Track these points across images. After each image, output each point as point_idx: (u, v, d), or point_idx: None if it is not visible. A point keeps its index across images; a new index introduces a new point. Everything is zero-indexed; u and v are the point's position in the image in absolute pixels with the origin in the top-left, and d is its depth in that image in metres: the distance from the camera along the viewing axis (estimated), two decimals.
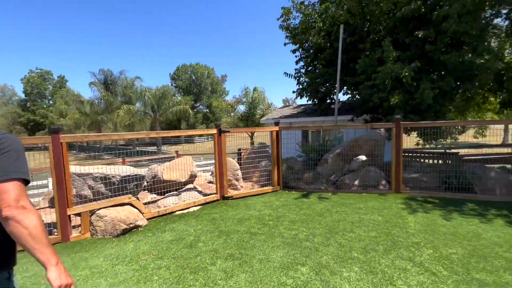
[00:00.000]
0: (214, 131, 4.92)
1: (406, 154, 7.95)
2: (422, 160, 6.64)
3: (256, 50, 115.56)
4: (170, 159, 5.48)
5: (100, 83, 31.31)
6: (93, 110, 28.44)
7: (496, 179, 4.59)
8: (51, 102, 47.18)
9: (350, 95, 8.97)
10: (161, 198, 4.75)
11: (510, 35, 7.31)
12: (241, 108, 20.87)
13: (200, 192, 5.14)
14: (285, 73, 8.99)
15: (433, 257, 2.66)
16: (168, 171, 5.02)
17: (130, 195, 3.94)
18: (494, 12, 6.73)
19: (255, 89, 19.08)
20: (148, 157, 8.65)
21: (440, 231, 3.27)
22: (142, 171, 4.60)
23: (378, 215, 3.91)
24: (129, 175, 4.12)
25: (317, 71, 8.49)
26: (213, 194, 5.05)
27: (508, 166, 6.84)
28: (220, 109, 31.75)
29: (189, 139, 35.64)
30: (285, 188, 5.66)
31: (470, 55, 5.70)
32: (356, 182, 5.39)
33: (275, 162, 5.56)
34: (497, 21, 7.33)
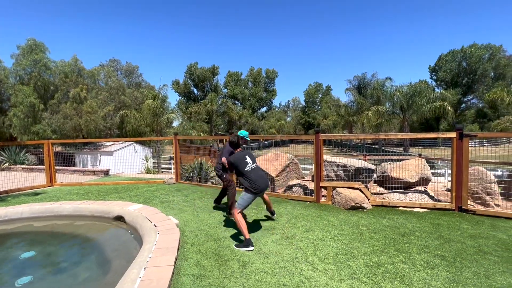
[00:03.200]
0: (452, 134, 4.53)
1: None
2: None
3: None
4: (404, 160, 5.75)
5: (354, 88, 35.50)
6: (346, 112, 33.21)
7: None
8: (319, 107, 61.19)
9: None
10: (388, 193, 5.33)
11: None
12: None
13: (431, 196, 5.00)
14: None
15: None
16: (397, 170, 5.43)
17: (359, 183, 5.03)
18: None
19: None
20: (385, 157, 9.24)
21: None
22: (372, 166, 5.48)
23: None
24: (361, 167, 5.21)
25: None
26: (446, 202, 4.70)
27: None
28: (507, 103, 23.18)
29: (447, 143, 29.53)
30: None
31: None
32: None
33: None
34: None
